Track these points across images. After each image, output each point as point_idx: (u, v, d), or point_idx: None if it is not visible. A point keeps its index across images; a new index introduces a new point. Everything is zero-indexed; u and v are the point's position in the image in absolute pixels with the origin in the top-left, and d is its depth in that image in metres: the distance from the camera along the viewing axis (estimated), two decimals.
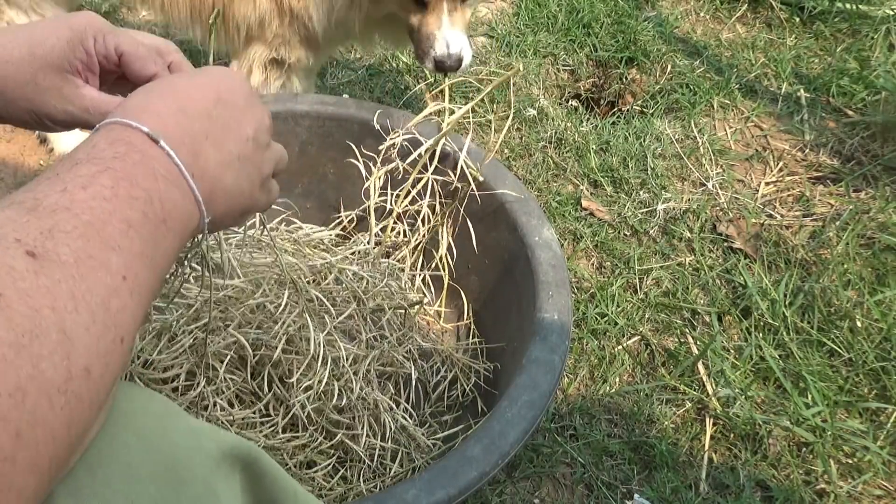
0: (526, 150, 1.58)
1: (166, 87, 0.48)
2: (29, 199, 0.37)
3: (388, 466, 0.97)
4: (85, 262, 0.35)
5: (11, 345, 0.30)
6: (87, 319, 0.34)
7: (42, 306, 0.32)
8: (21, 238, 0.34)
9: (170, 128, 0.44)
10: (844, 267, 1.35)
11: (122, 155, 0.41)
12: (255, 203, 0.52)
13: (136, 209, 0.39)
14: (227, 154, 0.48)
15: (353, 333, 1.02)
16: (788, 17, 2.00)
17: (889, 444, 1.12)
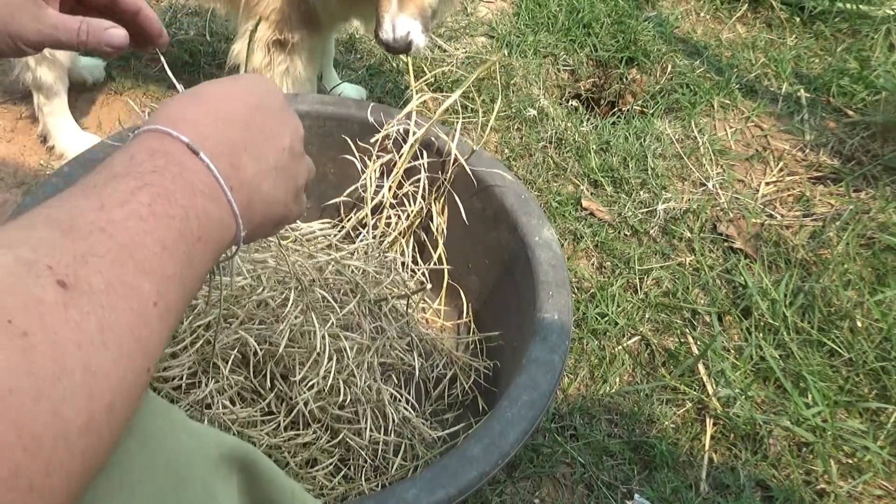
0: (526, 150, 1.58)
1: (202, 94, 0.47)
2: (65, 216, 0.35)
3: (391, 461, 0.97)
4: (117, 289, 0.34)
5: (31, 392, 0.28)
6: (114, 353, 0.32)
7: (68, 343, 0.30)
8: (53, 265, 0.32)
9: (208, 138, 0.43)
10: (844, 267, 1.35)
11: (160, 168, 0.40)
12: (289, 213, 0.51)
13: (172, 229, 0.38)
14: (264, 164, 0.47)
15: (354, 326, 1.02)
16: (788, 17, 2.00)
17: (889, 444, 1.12)
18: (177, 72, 1.71)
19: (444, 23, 1.90)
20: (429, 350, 1.12)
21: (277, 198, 0.49)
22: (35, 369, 0.29)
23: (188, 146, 0.42)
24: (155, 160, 0.40)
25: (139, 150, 0.41)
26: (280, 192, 0.49)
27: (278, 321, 0.94)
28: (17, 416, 0.27)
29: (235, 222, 0.44)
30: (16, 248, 0.32)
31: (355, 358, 0.96)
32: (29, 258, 0.32)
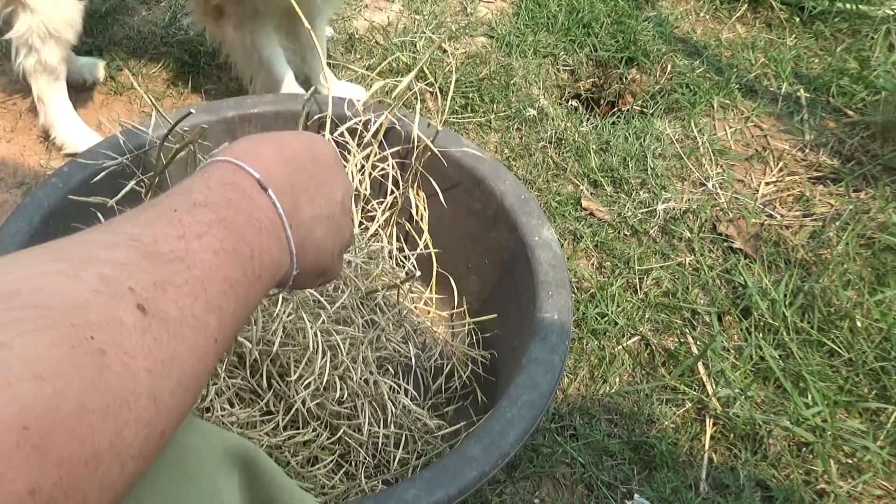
0: (526, 150, 1.58)
1: (271, 137, 0.50)
2: (149, 239, 0.36)
3: (392, 456, 0.97)
4: (188, 322, 0.35)
5: (100, 410, 0.29)
6: (175, 385, 0.33)
7: (140, 369, 0.31)
8: (135, 288, 0.33)
9: (276, 176, 0.45)
10: (844, 267, 1.35)
11: (234, 204, 0.41)
12: (333, 266, 0.53)
13: (238, 266, 0.39)
14: (318, 210, 0.49)
15: (347, 321, 1.02)
16: (788, 17, 2.00)
17: (889, 444, 1.12)
18: (177, 72, 1.71)
19: (444, 23, 1.90)
20: (424, 340, 1.13)
21: (326, 246, 0.51)
22: (107, 389, 0.29)
23: (258, 182, 0.44)
24: (228, 193, 0.42)
25: (216, 181, 0.42)
26: (329, 241, 0.51)
27: (272, 320, 0.94)
28: (85, 432, 0.28)
29: (291, 260, 0.46)
30: (100, 265, 0.33)
31: (349, 352, 0.96)
32: (112, 277, 0.32)
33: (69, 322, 0.29)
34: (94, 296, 0.31)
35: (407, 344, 1.07)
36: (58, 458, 0.27)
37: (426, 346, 1.13)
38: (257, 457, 0.50)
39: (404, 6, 1.96)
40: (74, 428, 0.27)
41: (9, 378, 0.26)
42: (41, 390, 0.27)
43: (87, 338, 0.29)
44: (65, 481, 0.27)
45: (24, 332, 0.28)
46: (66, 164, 1.05)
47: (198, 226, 0.38)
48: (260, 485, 0.50)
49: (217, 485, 0.44)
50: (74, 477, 0.27)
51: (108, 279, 0.32)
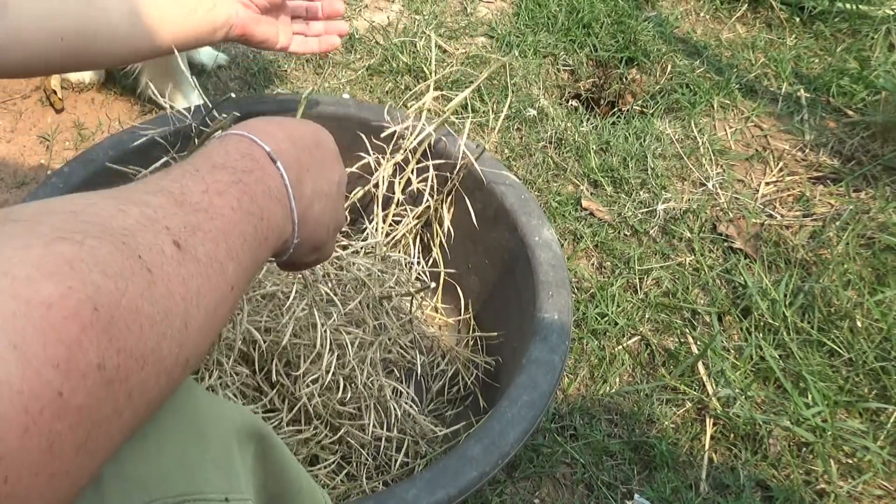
0: (526, 150, 1.58)
1: (280, 120, 0.55)
2: (177, 190, 0.40)
3: (393, 459, 0.98)
4: (213, 264, 0.39)
5: (149, 317, 0.32)
6: (202, 318, 0.37)
7: (176, 293, 0.35)
8: (171, 227, 0.37)
9: (283, 152, 0.50)
10: (844, 267, 1.35)
11: (248, 170, 0.46)
12: (327, 244, 0.58)
13: (250, 224, 0.43)
14: (318, 187, 0.54)
15: (359, 322, 1.02)
16: (788, 17, 2.00)
17: (889, 444, 1.12)
18: None
19: (444, 23, 1.90)
20: (430, 347, 1.13)
21: (323, 220, 0.55)
22: (154, 300, 0.33)
23: (269, 154, 0.49)
24: (244, 161, 0.47)
25: (233, 149, 0.47)
26: (325, 217, 0.56)
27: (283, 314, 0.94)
28: (138, 331, 0.31)
29: (293, 228, 0.50)
30: (142, 205, 0.37)
31: (357, 353, 0.96)
32: (152, 216, 0.36)
33: (122, 240, 0.33)
34: (139, 227, 0.35)
35: (414, 349, 1.07)
36: (118, 346, 0.30)
37: (431, 351, 1.13)
38: (270, 433, 0.53)
39: (404, 6, 1.96)
40: (130, 324, 0.31)
41: (81, 267, 0.30)
42: (106, 283, 0.30)
43: (137, 256, 0.33)
44: (122, 369, 0.30)
45: (90, 237, 0.31)
46: (66, 164, 1.05)
47: (218, 184, 0.42)
48: (273, 457, 0.53)
49: (232, 451, 0.46)
50: (128, 369, 0.31)
51: (148, 217, 0.36)
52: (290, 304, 0.94)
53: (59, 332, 0.28)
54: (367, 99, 1.67)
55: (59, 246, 0.30)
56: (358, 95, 1.68)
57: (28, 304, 0.27)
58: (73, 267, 0.30)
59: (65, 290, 0.28)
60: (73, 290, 0.29)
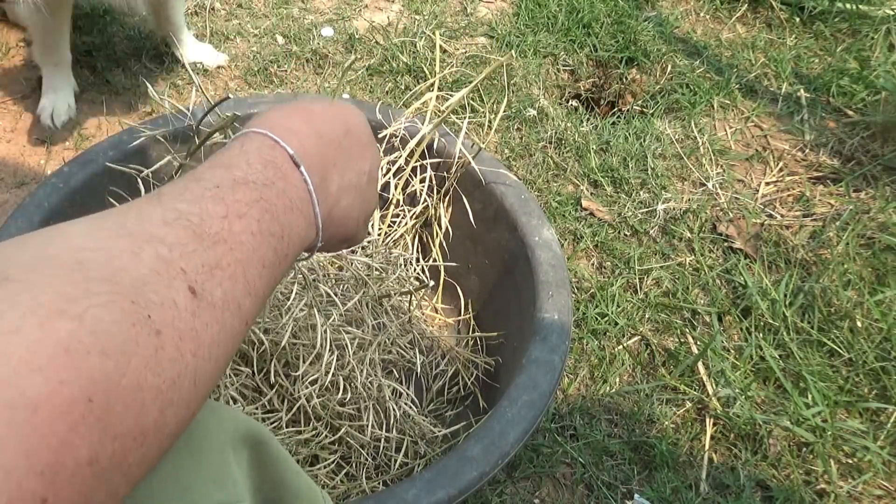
0: (526, 150, 1.58)
1: (306, 108, 0.50)
2: (196, 217, 0.36)
3: (393, 459, 0.98)
4: (229, 306, 0.36)
5: (153, 389, 0.30)
6: (214, 368, 0.34)
7: (187, 352, 0.32)
8: (187, 269, 0.34)
9: (308, 151, 0.46)
10: (844, 267, 1.35)
11: (270, 182, 0.42)
12: (357, 233, 0.54)
13: (271, 247, 0.40)
14: (346, 181, 0.51)
15: (358, 322, 1.02)
16: (788, 17, 2.00)
17: (889, 444, 1.12)
18: (177, 71, 1.71)
19: (444, 23, 1.90)
20: (430, 347, 1.13)
21: (352, 215, 0.52)
22: (161, 369, 0.30)
23: (292, 158, 0.45)
24: (267, 172, 0.42)
25: (255, 157, 0.43)
26: (354, 211, 0.52)
27: (282, 315, 0.94)
28: (139, 409, 0.29)
29: (316, 234, 0.47)
30: (157, 244, 0.33)
31: (357, 353, 0.96)
32: (167, 256, 0.33)
33: (131, 299, 0.30)
34: (152, 275, 0.32)
35: (413, 349, 1.07)
36: (114, 433, 0.28)
37: (431, 351, 1.13)
38: (267, 438, 0.51)
39: (404, 6, 1.96)
40: (130, 404, 0.28)
41: (79, 352, 0.27)
42: (105, 365, 0.28)
43: (146, 317, 0.30)
44: (117, 454, 0.28)
45: (94, 305, 0.29)
46: (66, 164, 1.05)
47: (238, 205, 0.39)
48: (270, 464, 0.52)
49: (227, 459, 0.45)
50: (125, 451, 0.29)
51: (164, 259, 0.33)
52: (290, 305, 0.94)
53: (44, 436, 0.25)
54: (367, 99, 1.67)
55: (56, 324, 0.27)
56: (358, 95, 1.68)
57: (11, 408, 0.25)
58: (70, 352, 0.27)
59: (55, 385, 0.26)
60: (64, 384, 0.26)
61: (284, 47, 1.78)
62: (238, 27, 1.83)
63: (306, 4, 1.94)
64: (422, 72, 1.72)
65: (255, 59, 1.74)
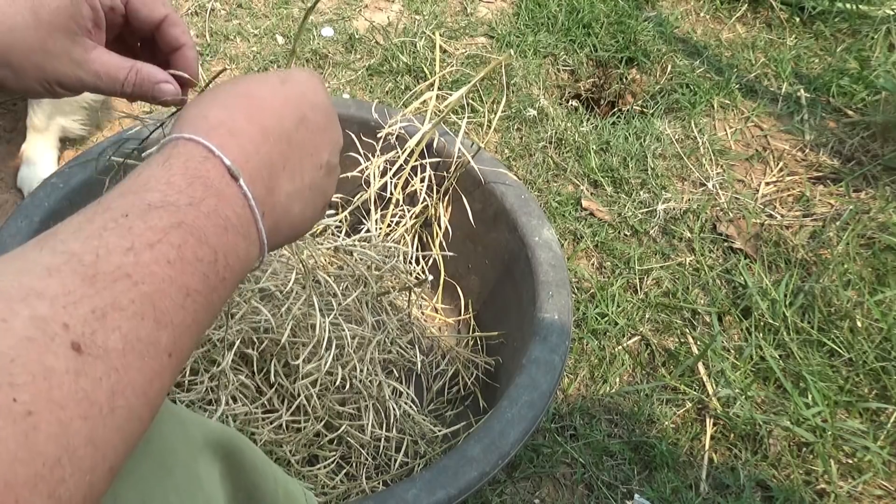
0: (526, 150, 1.58)
1: (253, 95, 0.44)
2: (89, 258, 0.32)
3: (393, 458, 0.98)
4: (133, 347, 0.32)
5: (29, 480, 0.26)
6: (122, 418, 0.30)
7: (74, 418, 0.28)
8: (70, 323, 0.30)
9: (250, 157, 0.40)
10: (844, 267, 1.35)
11: (197, 201, 0.37)
12: (312, 227, 0.49)
13: (197, 273, 0.35)
14: (299, 183, 0.45)
15: (358, 320, 1.02)
16: (788, 17, 2.00)
17: (889, 444, 1.12)
18: None
19: (444, 23, 1.90)
20: (430, 346, 1.13)
21: (305, 216, 0.46)
22: (35, 454, 0.27)
23: (229, 170, 0.39)
24: (192, 190, 0.37)
25: (179, 174, 0.38)
26: (308, 212, 0.46)
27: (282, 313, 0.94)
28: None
29: (260, 251, 0.41)
30: (34, 301, 0.30)
31: (357, 351, 0.96)
32: (45, 315, 0.29)
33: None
34: (22, 345, 0.28)
35: (413, 349, 1.07)
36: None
37: (431, 351, 1.13)
38: (240, 444, 0.49)
39: (404, 6, 1.96)
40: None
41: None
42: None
43: (10, 402, 0.27)
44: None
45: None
46: (66, 164, 1.05)
47: (151, 233, 0.34)
48: (243, 472, 0.49)
49: (197, 474, 0.43)
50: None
51: (40, 320, 0.29)
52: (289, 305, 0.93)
53: None
54: (367, 99, 1.67)
55: None
56: (358, 95, 1.68)
57: None
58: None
59: None
60: None
61: (284, 47, 1.78)
62: (238, 27, 1.83)
63: (306, 4, 1.94)
64: (422, 72, 1.72)
65: (255, 59, 1.74)
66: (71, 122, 1.39)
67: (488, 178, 1.11)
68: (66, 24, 0.50)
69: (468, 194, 1.13)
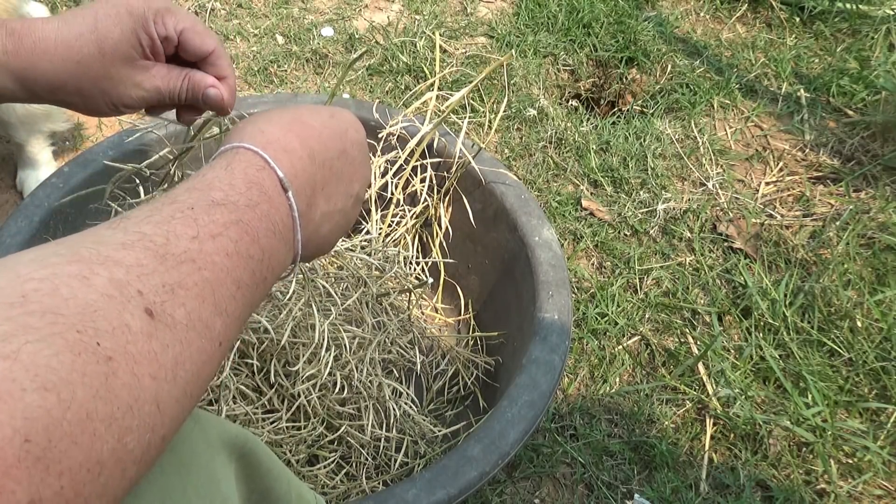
0: (526, 150, 1.58)
1: (303, 122, 0.48)
2: (160, 239, 0.35)
3: (393, 459, 0.97)
4: (194, 326, 0.34)
5: (105, 418, 0.29)
6: (179, 391, 0.33)
7: (145, 375, 0.31)
8: (143, 291, 0.33)
9: (298, 173, 0.45)
10: (844, 267, 1.35)
11: (253, 205, 0.41)
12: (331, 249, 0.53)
13: (248, 269, 0.39)
14: (332, 206, 0.49)
15: (357, 321, 1.02)
16: (788, 17, 2.00)
17: (889, 444, 1.12)
18: None
19: (444, 22, 1.90)
20: (430, 346, 1.13)
21: (331, 238, 0.51)
22: (113, 396, 0.29)
23: (281, 182, 0.43)
24: (251, 193, 0.41)
25: (240, 178, 0.42)
26: (335, 234, 0.51)
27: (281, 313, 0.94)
28: (89, 440, 0.28)
29: (294, 259, 0.45)
30: (111, 267, 0.32)
31: (357, 352, 0.96)
32: (122, 279, 0.32)
33: (76, 329, 0.29)
34: (103, 300, 0.31)
35: (413, 349, 1.07)
36: (60, 469, 0.27)
37: (431, 351, 1.13)
38: (255, 447, 0.50)
39: (404, 6, 1.96)
40: (78, 437, 0.27)
41: (12, 391, 0.26)
42: (45, 401, 0.27)
43: (94, 345, 0.29)
44: (66, 490, 0.27)
45: (31, 340, 0.27)
46: (66, 164, 1.05)
47: (213, 226, 0.38)
48: (257, 474, 0.51)
49: (215, 475, 0.44)
50: (77, 484, 0.27)
51: (118, 282, 0.32)
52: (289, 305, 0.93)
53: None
54: (367, 99, 1.67)
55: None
56: (358, 95, 1.68)
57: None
58: (0, 395, 0.26)
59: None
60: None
61: (284, 47, 1.78)
62: (238, 27, 1.83)
63: (306, 4, 1.94)
64: (422, 72, 1.72)
65: (255, 58, 1.74)
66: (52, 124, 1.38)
67: (488, 178, 1.11)
68: (127, 52, 0.57)
69: (468, 194, 1.13)
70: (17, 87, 0.56)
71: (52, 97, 0.58)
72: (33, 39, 0.55)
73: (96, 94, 0.58)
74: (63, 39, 0.56)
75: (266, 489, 0.52)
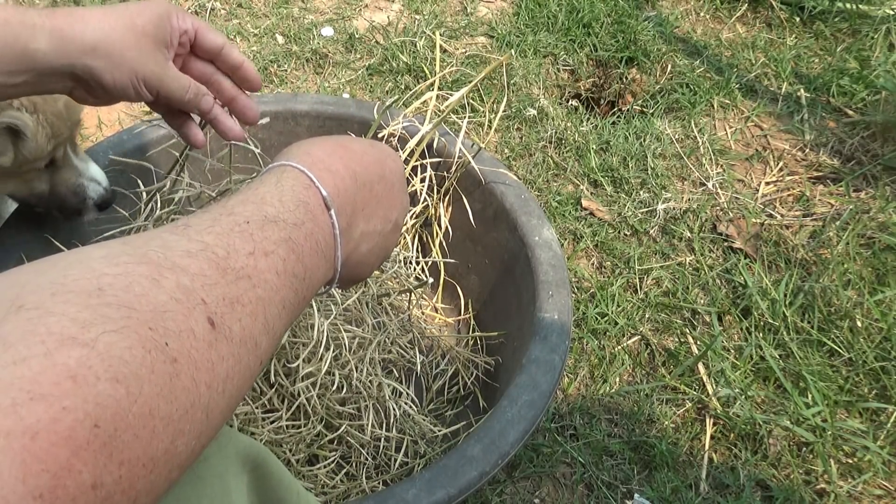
0: (526, 150, 1.58)
1: (346, 148, 0.50)
2: (222, 251, 0.36)
3: (393, 458, 0.97)
4: (246, 343, 0.35)
5: (165, 417, 0.30)
6: (225, 404, 0.34)
7: (202, 382, 0.32)
8: (207, 301, 0.34)
9: (340, 193, 0.46)
10: (844, 267, 1.35)
11: (301, 223, 0.42)
12: (371, 273, 0.54)
13: (293, 289, 0.40)
14: (371, 227, 0.51)
15: (357, 321, 1.02)
16: (788, 17, 2.00)
17: (889, 444, 1.12)
18: None
19: (444, 22, 1.90)
20: (430, 346, 1.13)
21: (369, 261, 0.52)
22: (174, 397, 0.30)
23: (324, 200, 0.45)
24: (298, 212, 0.42)
25: (289, 195, 0.43)
26: (373, 257, 0.52)
27: None
28: (149, 436, 0.29)
29: (333, 277, 0.47)
30: (179, 273, 0.33)
31: (357, 352, 0.96)
32: (188, 286, 0.33)
33: (149, 326, 0.30)
34: (172, 303, 0.32)
35: (413, 349, 1.07)
36: (121, 458, 0.28)
37: (431, 351, 1.13)
38: (267, 459, 0.51)
39: (404, 6, 1.96)
40: (139, 431, 0.28)
41: (88, 377, 0.27)
42: (116, 391, 0.28)
43: (163, 344, 0.30)
44: (124, 480, 0.28)
45: (108, 330, 0.29)
46: None
47: (266, 243, 0.39)
48: (269, 486, 0.51)
49: (228, 485, 0.45)
50: (132, 477, 0.28)
51: (185, 288, 0.33)
52: None
53: (43, 461, 0.25)
54: (368, 99, 1.67)
55: (65, 352, 0.27)
56: (358, 95, 1.68)
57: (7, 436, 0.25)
58: (77, 380, 0.27)
59: (57, 411, 0.26)
60: (68, 410, 0.26)
61: (284, 47, 1.78)
62: (238, 27, 1.83)
63: (306, 4, 1.94)
64: (422, 71, 1.72)
65: (255, 58, 1.74)
66: None
67: (488, 177, 1.11)
68: (156, 33, 0.64)
69: (468, 194, 1.13)
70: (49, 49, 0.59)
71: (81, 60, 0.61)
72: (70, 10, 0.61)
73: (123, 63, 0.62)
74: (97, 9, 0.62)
75: (277, 500, 0.52)
